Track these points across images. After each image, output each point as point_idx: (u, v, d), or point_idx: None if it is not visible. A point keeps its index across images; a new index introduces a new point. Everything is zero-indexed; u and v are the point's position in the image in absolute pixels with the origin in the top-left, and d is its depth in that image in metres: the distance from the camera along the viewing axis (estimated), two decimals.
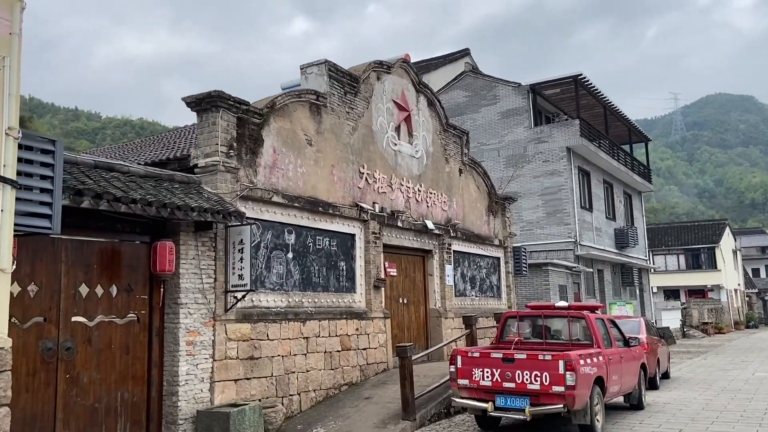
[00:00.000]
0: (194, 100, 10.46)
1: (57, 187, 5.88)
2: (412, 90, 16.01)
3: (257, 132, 11.22)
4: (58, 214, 5.85)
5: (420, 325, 15.68)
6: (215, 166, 10.26)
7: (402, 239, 14.99)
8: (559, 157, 25.99)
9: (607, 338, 10.78)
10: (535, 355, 9.16)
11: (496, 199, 19.47)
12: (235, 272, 10.15)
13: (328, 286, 12.70)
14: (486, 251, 18.68)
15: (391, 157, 14.87)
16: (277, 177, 11.57)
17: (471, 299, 17.75)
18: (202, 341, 9.74)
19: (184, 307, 9.54)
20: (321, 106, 12.81)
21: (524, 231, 26.32)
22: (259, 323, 10.77)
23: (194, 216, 9.04)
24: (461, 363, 9.70)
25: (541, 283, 22.47)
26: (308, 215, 12.26)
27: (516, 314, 11.15)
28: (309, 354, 11.75)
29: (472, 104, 27.92)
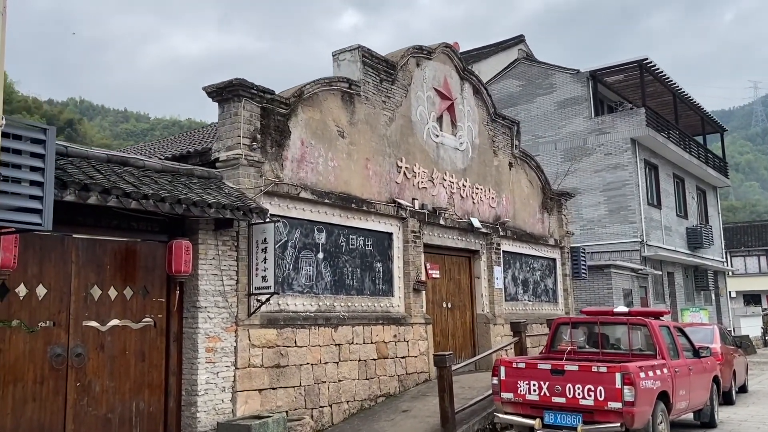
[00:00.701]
0: (215, 90, 10.28)
1: (48, 179, 5.70)
2: (456, 77, 15.55)
3: (284, 123, 10.97)
4: (49, 209, 5.66)
5: (466, 332, 15.20)
6: (237, 160, 10.05)
7: (445, 238, 14.54)
8: (622, 149, 25.05)
9: (673, 348, 10.12)
10: (588, 367, 8.61)
11: (551, 195, 18.81)
12: (258, 273, 9.91)
13: (363, 289, 12.37)
14: (540, 252, 18.05)
15: (432, 150, 14.45)
16: (305, 171, 11.30)
17: (523, 304, 17.16)
18: (223, 347, 9.53)
19: (203, 310, 9.34)
20: (354, 95, 12.50)
21: (584, 230, 25.47)
22: (286, 329, 10.52)
23: (212, 213, 8.83)
24: (505, 375, 9.22)
25: (603, 287, 21.65)
26: (340, 212, 11.95)
27: (568, 321, 10.60)
28: (341, 362, 11.43)
29: (526, 94, 27.21)
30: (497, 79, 27.91)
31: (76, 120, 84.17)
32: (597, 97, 26.30)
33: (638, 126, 24.96)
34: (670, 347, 9.95)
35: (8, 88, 79.61)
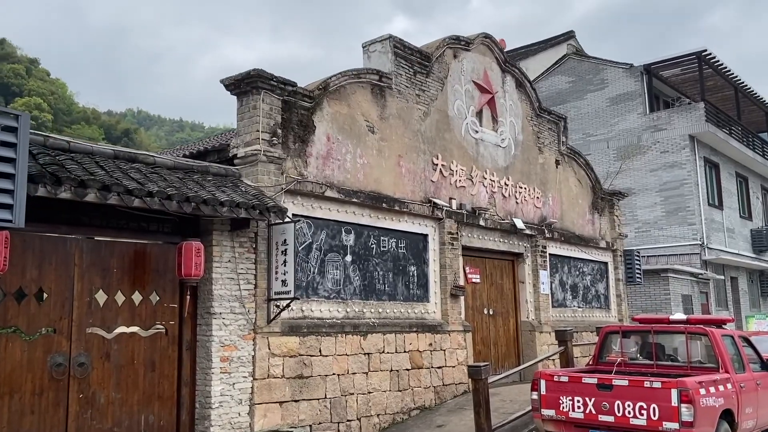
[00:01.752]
0: (233, 82, 9.70)
1: (20, 171, 5.17)
2: (497, 69, 14.68)
3: (307, 117, 10.33)
4: (21, 204, 5.12)
5: (510, 340, 14.28)
6: (255, 156, 9.44)
7: (486, 240, 13.67)
8: (680, 146, 23.67)
9: (737, 360, 9.05)
10: (640, 382, 7.67)
11: (602, 195, 17.71)
12: (278, 278, 9.27)
13: (395, 295, 11.61)
14: (590, 255, 16.97)
15: (471, 146, 13.61)
16: (332, 169, 10.63)
17: (572, 310, 16.12)
18: (239, 357, 8.90)
19: (218, 317, 8.74)
20: (385, 88, 11.78)
21: (639, 233, 24.16)
22: (310, 336, 9.84)
23: (224, 212, 8.22)
24: (546, 389, 8.33)
25: (660, 293, 20.35)
26: (370, 212, 11.24)
27: (618, 329, 9.62)
28: (371, 373, 10.69)
29: (576, 90, 26.04)
30: (545, 75, 26.83)
31: (133, 129, 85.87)
32: (652, 93, 24.96)
33: (697, 122, 23.55)
34: (735, 359, 8.89)
35: (68, 100, 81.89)
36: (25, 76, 77.04)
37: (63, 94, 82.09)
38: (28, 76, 77.52)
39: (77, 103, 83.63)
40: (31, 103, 68.79)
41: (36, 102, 69.73)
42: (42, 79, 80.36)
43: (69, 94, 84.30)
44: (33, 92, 72.73)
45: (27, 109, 66.07)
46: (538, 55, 28.81)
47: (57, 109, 74.32)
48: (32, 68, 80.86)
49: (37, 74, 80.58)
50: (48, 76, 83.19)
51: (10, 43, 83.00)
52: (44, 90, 75.89)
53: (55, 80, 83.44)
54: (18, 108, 65.87)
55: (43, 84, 78.12)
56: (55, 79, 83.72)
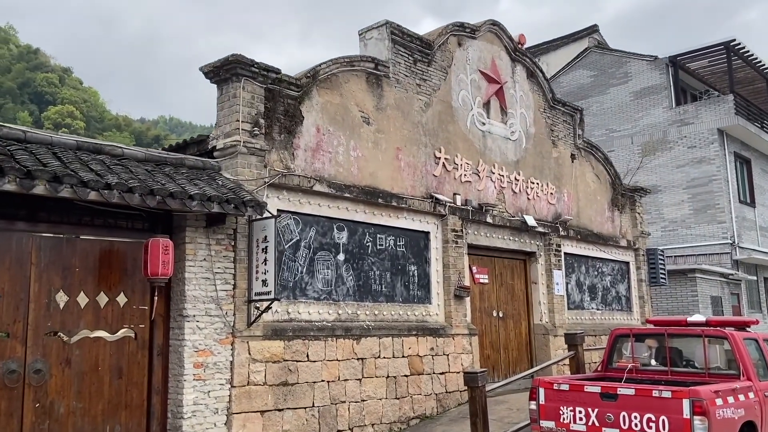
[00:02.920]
0: (212, 69, 9.07)
1: None
2: (506, 58, 13.87)
3: (295, 107, 9.67)
4: None
5: (521, 345, 13.42)
6: (235, 147, 8.79)
7: (494, 239, 12.85)
8: (708, 141, 22.50)
9: (763, 366, 8.13)
10: (648, 391, 6.82)
11: (623, 191, 16.73)
12: (258, 277, 8.60)
13: (394, 296, 10.87)
14: (609, 254, 16.02)
15: (477, 139, 12.82)
16: (322, 162, 9.95)
17: (590, 312, 15.18)
18: (216, 363, 8.24)
19: (191, 320, 8.09)
20: (382, 77, 11.07)
21: (666, 231, 23.04)
22: (296, 340, 9.15)
23: (194, 206, 7.57)
24: (545, 398, 7.52)
25: (688, 294, 19.25)
26: (365, 208, 10.52)
27: (628, 332, 8.75)
28: (365, 379, 9.96)
29: (599, 85, 25.00)
30: (566, 70, 25.84)
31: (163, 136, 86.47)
32: (678, 86, 23.83)
33: (726, 115, 22.37)
34: (759, 365, 7.98)
35: (100, 108, 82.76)
36: (58, 85, 78.07)
37: (95, 102, 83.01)
38: (61, 85, 78.55)
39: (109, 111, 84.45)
40: (63, 111, 69.61)
41: (69, 110, 70.52)
42: (75, 87, 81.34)
43: (101, 102, 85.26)
44: (66, 100, 73.59)
45: (60, 117, 66.99)
46: (559, 50, 27.85)
47: (89, 117, 75.09)
48: (65, 77, 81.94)
49: (70, 83, 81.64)
50: (81, 84, 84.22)
51: (44, 53, 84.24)
52: (77, 98, 76.74)
53: (88, 89, 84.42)
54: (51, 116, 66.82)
55: (75, 92, 79.05)
56: (87, 87, 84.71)
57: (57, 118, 67.31)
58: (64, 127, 64.53)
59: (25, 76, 75.01)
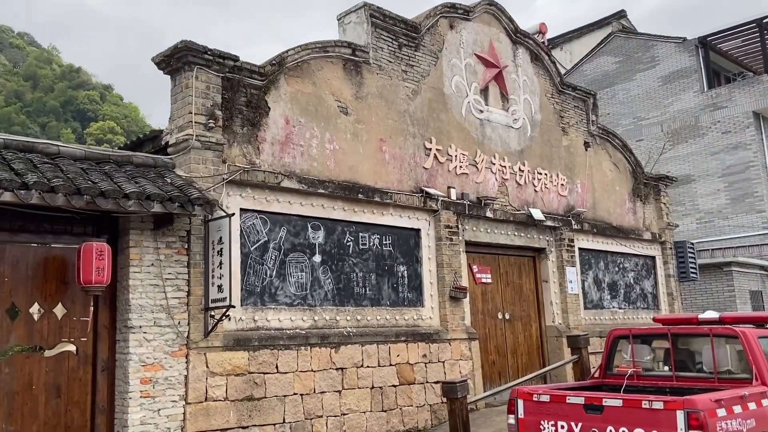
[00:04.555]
0: (163, 59, 8.37)
1: None
2: (506, 41, 12.87)
3: (259, 97, 8.90)
4: None
5: (532, 349, 12.37)
6: (187, 142, 8.07)
7: (496, 234, 11.85)
8: (743, 125, 20.98)
9: None
10: (637, 402, 5.81)
11: (645, 180, 15.51)
12: (214, 282, 7.84)
13: (380, 299, 10.00)
14: (632, 248, 14.82)
15: (474, 128, 11.86)
16: (292, 156, 9.16)
17: (611, 312, 14.02)
18: (167, 378, 7.49)
19: (137, 331, 7.36)
20: (361, 63, 10.23)
21: (701, 223, 21.56)
22: (263, 350, 8.35)
23: (130, 206, 6.85)
24: (524, 411, 6.54)
25: (723, 290, 17.83)
26: (344, 205, 9.69)
27: (627, 332, 7.69)
28: (346, 391, 9.10)
29: (624, 71, 23.65)
30: (590, 57, 24.54)
31: None
32: (710, 68, 22.32)
33: (762, 96, 20.80)
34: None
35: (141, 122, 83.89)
36: (99, 102, 79.49)
37: (136, 117, 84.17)
38: (102, 102, 79.96)
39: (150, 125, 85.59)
40: (105, 127, 70.70)
41: (110, 126, 71.62)
42: (116, 103, 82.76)
43: (141, 116, 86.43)
44: (107, 116, 74.83)
45: (101, 133, 68.02)
46: (583, 38, 26.56)
47: (129, 132, 76.08)
48: (107, 94, 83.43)
49: (111, 99, 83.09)
50: (121, 100, 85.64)
51: (86, 71, 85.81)
52: (118, 114, 78.04)
53: (128, 104, 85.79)
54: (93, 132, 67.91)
55: (116, 108, 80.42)
56: (128, 103, 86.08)
57: (99, 134, 68.37)
58: (106, 142, 65.48)
59: (68, 94, 76.60)
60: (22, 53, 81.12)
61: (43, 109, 73.35)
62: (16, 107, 70.46)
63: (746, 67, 23.36)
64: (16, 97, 72.85)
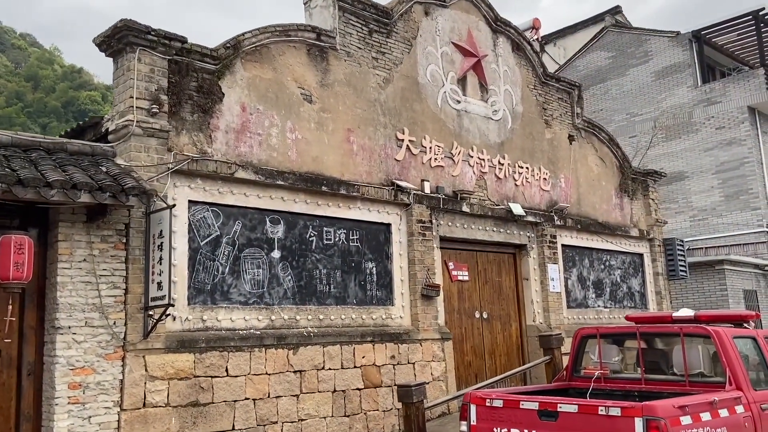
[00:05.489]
0: (104, 40, 7.72)
1: None
2: (485, 29, 12.20)
3: (212, 82, 8.25)
4: None
5: (511, 349, 11.69)
6: (127, 128, 7.42)
7: (473, 230, 11.19)
8: (737, 120, 20.24)
9: (763, 373, 6.33)
10: (593, 408, 5.15)
11: (633, 175, 14.81)
12: (154, 279, 7.19)
13: (345, 297, 9.33)
14: (618, 245, 14.13)
15: (451, 119, 11.19)
16: (249, 145, 8.50)
17: (596, 311, 13.33)
18: (99, 382, 6.84)
19: (66, 332, 6.71)
20: (327, 49, 9.58)
21: (695, 221, 20.83)
22: (212, 352, 7.69)
23: (52, 195, 6.20)
24: (476, 417, 5.88)
25: (716, 289, 17.11)
26: (306, 198, 9.03)
27: (595, 331, 7.01)
28: (304, 395, 8.44)
29: (617, 66, 22.93)
30: (582, 53, 23.83)
31: None
32: (704, 63, 21.58)
33: (756, 91, 20.06)
34: (755, 371, 6.18)
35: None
36: (101, 102, 78.88)
37: None
38: (104, 102, 79.42)
39: None
40: None
41: None
42: None
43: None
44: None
45: None
46: (577, 34, 25.81)
47: None
48: (108, 94, 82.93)
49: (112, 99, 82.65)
50: None
51: (88, 71, 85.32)
52: None
53: None
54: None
55: None
56: None
57: None
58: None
59: (69, 95, 76.07)
60: (24, 54, 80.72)
61: (44, 109, 72.88)
62: (17, 108, 69.98)
63: (741, 61, 22.62)
64: (17, 97, 72.43)
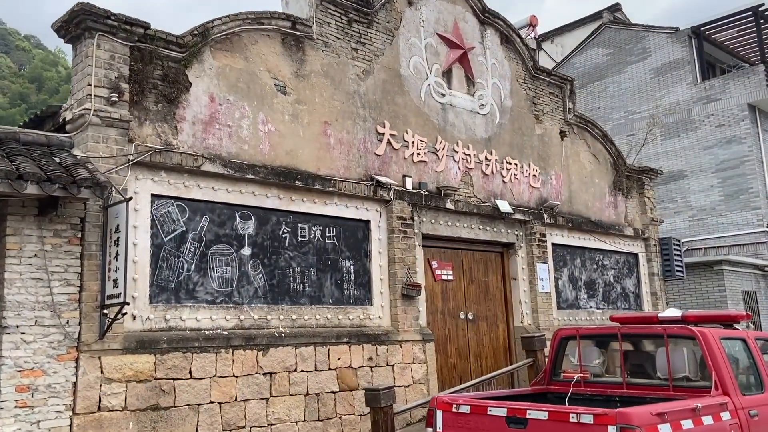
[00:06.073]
0: (62, 25, 7.34)
1: None
2: (473, 21, 11.79)
3: (177, 71, 7.86)
4: None
5: (498, 351, 11.26)
6: (84, 117, 7.04)
7: (458, 228, 10.77)
8: (737, 118, 19.77)
9: (753, 374, 5.90)
10: (564, 414, 4.74)
11: (628, 173, 14.37)
12: (110, 276, 6.80)
13: (321, 297, 8.93)
14: (612, 245, 13.69)
15: (435, 113, 10.79)
16: (218, 137, 8.12)
17: (588, 312, 12.89)
18: (50, 385, 6.45)
19: (14, 332, 6.32)
20: (303, 39, 9.19)
21: (695, 221, 20.35)
22: (174, 353, 7.29)
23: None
24: (443, 424, 5.47)
25: (714, 290, 16.64)
26: (279, 193, 8.64)
27: (575, 332, 6.59)
28: (275, 398, 8.03)
29: (615, 63, 22.48)
30: (580, 50, 23.39)
31: None
32: (703, 59, 21.11)
33: (757, 88, 19.58)
34: (744, 375, 5.75)
35: None
36: None
37: None
38: None
39: None
40: None
41: None
42: None
43: None
44: None
45: None
46: (575, 31, 25.36)
47: None
48: None
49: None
50: None
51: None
52: None
53: None
54: None
55: None
56: None
57: None
58: None
59: None
60: (28, 55, 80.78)
61: None
62: (21, 109, 69.84)
63: (741, 57, 22.16)
64: (21, 99, 72.37)
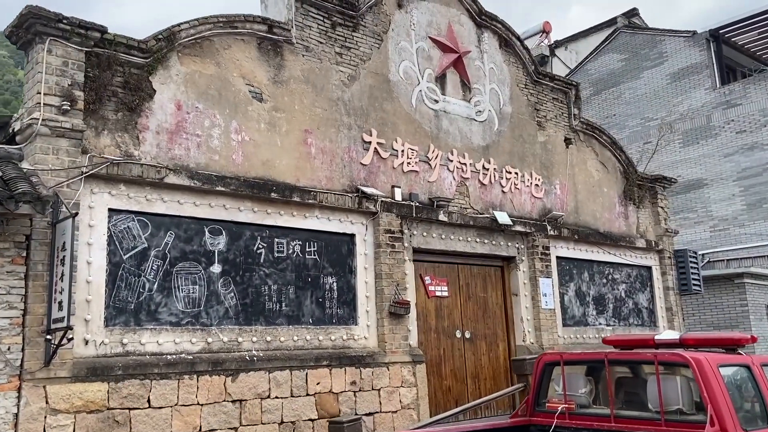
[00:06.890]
0: (12, 30, 6.87)
1: None
2: (468, 24, 11.15)
3: (140, 77, 7.35)
4: None
5: (498, 372, 10.53)
6: (32, 127, 6.54)
7: (453, 241, 10.10)
8: (760, 123, 18.81)
9: (759, 405, 5.14)
10: None
11: (639, 182, 13.56)
12: (56, 298, 6.26)
13: (299, 316, 8.31)
14: (622, 257, 12.88)
15: (427, 120, 10.16)
16: (185, 147, 7.58)
17: (597, 329, 12.08)
18: None
19: None
20: (282, 43, 8.64)
21: (716, 232, 19.37)
22: (131, 381, 6.72)
23: None
24: None
25: (735, 304, 15.68)
26: (253, 206, 8.06)
27: (559, 358, 5.88)
28: (244, 427, 7.41)
29: (631, 69, 21.64)
30: (594, 55, 22.59)
31: None
32: (722, 63, 20.20)
33: None
34: (749, 406, 5.00)
35: None
36: None
37: None
38: None
39: None
40: None
41: None
42: None
43: None
44: None
45: None
46: (590, 37, 24.56)
47: None
48: None
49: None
50: None
51: None
52: None
53: None
54: None
55: None
56: None
57: None
58: None
59: None
60: None
61: None
62: None
63: (762, 60, 21.20)
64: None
